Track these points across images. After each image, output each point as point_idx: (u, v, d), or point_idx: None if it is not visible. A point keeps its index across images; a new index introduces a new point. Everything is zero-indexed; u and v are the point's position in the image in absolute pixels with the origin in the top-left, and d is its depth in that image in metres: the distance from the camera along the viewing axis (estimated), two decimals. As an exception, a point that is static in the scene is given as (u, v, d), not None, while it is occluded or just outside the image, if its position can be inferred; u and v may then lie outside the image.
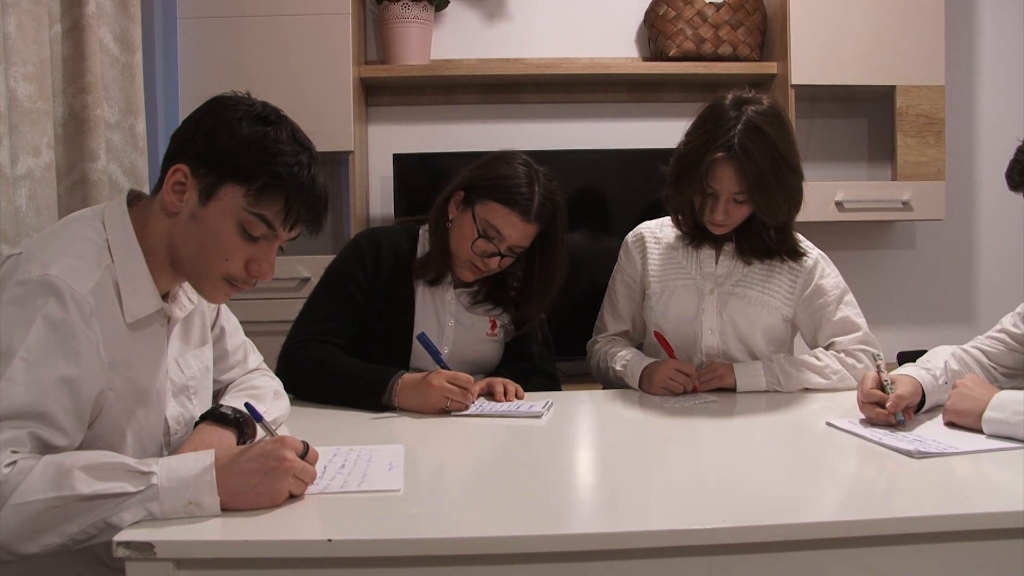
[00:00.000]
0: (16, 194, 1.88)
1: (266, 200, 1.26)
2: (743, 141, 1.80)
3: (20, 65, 1.89)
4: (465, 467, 1.49)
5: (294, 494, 1.18)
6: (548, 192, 1.93)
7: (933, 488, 1.26)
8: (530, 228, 1.92)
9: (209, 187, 1.26)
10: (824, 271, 2.04)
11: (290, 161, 1.26)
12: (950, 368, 1.72)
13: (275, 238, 1.30)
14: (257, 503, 1.15)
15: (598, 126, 3.30)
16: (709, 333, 2.02)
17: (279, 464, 1.16)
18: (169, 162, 1.29)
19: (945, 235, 3.43)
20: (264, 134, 1.26)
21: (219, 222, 1.27)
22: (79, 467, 1.11)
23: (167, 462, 1.15)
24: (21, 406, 1.13)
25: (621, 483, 1.36)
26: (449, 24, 3.26)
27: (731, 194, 1.85)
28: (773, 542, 1.11)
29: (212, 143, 1.26)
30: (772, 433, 1.69)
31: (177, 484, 1.12)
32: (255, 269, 1.31)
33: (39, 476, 1.09)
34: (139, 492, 1.11)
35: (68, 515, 1.09)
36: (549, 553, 1.09)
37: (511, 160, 1.96)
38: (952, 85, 3.21)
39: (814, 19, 2.99)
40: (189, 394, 1.45)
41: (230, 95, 1.32)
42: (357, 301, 1.96)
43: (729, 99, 1.87)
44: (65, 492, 1.08)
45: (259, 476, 1.15)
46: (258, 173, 1.25)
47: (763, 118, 1.82)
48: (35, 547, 1.10)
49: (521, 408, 1.77)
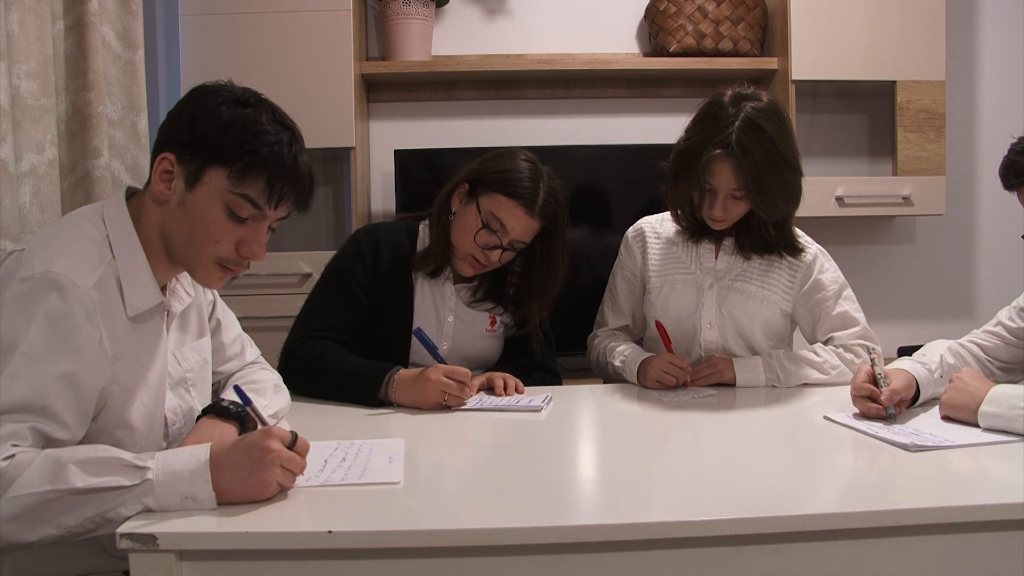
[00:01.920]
0: (20, 191, 1.89)
1: (249, 180, 1.29)
2: (741, 138, 1.80)
3: (23, 62, 1.90)
4: (465, 460, 1.50)
5: (283, 486, 1.18)
6: (552, 190, 1.94)
7: (930, 480, 1.27)
8: (533, 223, 1.93)
9: (194, 172, 1.29)
10: (823, 266, 2.04)
11: (271, 140, 1.29)
12: (946, 362, 1.73)
13: (263, 218, 1.33)
14: (249, 496, 1.15)
15: (599, 122, 3.31)
16: (708, 328, 2.02)
17: (263, 456, 1.16)
18: (155, 152, 1.32)
19: (945, 230, 3.43)
20: (244, 116, 1.29)
21: (206, 206, 1.29)
22: (74, 461, 1.12)
23: (163, 456, 1.16)
24: (22, 400, 1.15)
25: (620, 476, 1.37)
26: (450, 20, 3.27)
27: (729, 190, 1.86)
28: (771, 534, 1.12)
29: (193, 129, 1.28)
30: (770, 427, 1.70)
31: (172, 478, 1.13)
32: (246, 250, 1.34)
33: (36, 470, 1.10)
34: (134, 486, 1.12)
35: (64, 508, 1.10)
36: (548, 545, 1.09)
37: (517, 156, 1.98)
38: (953, 80, 3.22)
39: (815, 14, 3.00)
40: (187, 386, 1.47)
41: (211, 84, 1.35)
42: (357, 297, 1.97)
43: (728, 95, 1.87)
44: (60, 486, 1.10)
45: (247, 470, 1.15)
46: (239, 153, 1.27)
47: (761, 115, 1.82)
48: (33, 537, 1.11)
49: (521, 402, 1.78)
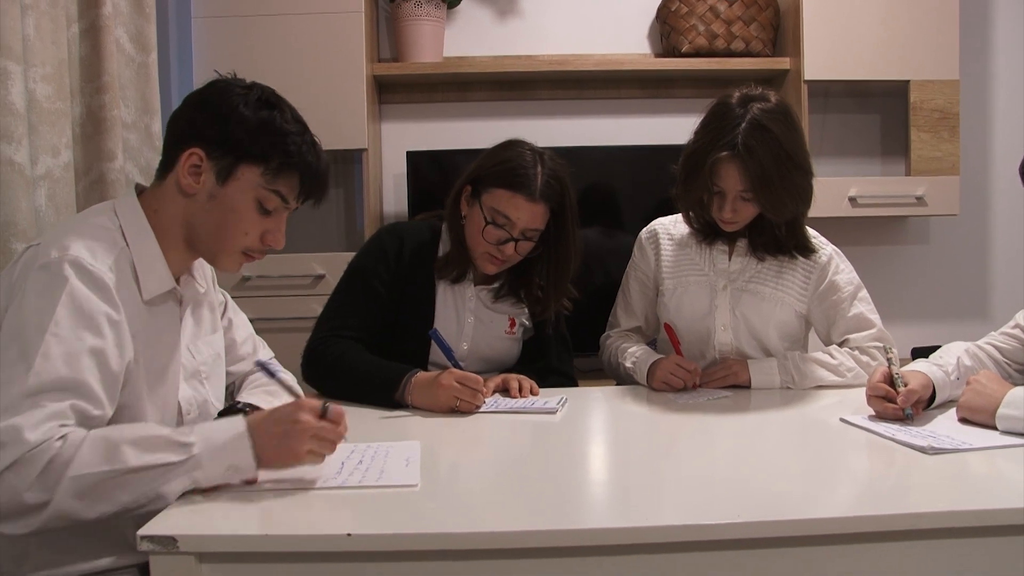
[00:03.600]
0: (36, 194, 1.90)
1: (282, 178, 1.38)
2: (747, 140, 1.79)
3: (39, 66, 1.91)
4: (481, 462, 1.51)
5: (316, 453, 1.25)
6: (552, 171, 1.92)
7: (947, 484, 1.27)
8: (538, 208, 1.91)
9: (226, 168, 1.36)
10: (838, 267, 2.03)
11: (298, 141, 1.39)
12: (963, 364, 1.71)
13: (286, 210, 1.43)
14: (282, 462, 1.23)
15: (611, 122, 3.30)
16: (722, 329, 2.02)
17: (292, 427, 1.23)
18: (177, 146, 1.38)
19: (959, 230, 3.41)
20: (272, 117, 1.37)
21: (238, 200, 1.38)
22: (126, 441, 1.17)
23: (201, 431, 1.22)
24: (59, 378, 1.19)
25: (636, 479, 1.37)
26: (462, 21, 3.27)
27: (737, 192, 1.85)
28: (786, 537, 1.11)
29: (225, 127, 1.35)
30: (785, 429, 1.69)
31: (215, 451, 1.20)
32: (269, 239, 1.43)
33: (89, 450, 1.15)
34: (182, 462, 1.18)
35: (119, 486, 1.15)
36: (567, 548, 1.09)
37: (512, 146, 1.96)
38: (967, 79, 3.20)
39: (827, 14, 2.99)
40: (201, 379, 1.51)
41: (223, 78, 1.43)
42: (379, 295, 1.97)
43: (736, 97, 1.86)
44: (117, 465, 1.15)
45: (278, 438, 1.23)
46: (273, 154, 1.36)
47: (768, 116, 1.81)
48: (92, 515, 1.16)
49: (536, 404, 1.79)
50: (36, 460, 1.12)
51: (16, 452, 1.11)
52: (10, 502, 1.12)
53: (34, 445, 1.12)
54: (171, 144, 1.40)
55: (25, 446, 1.11)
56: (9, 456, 1.11)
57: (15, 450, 1.11)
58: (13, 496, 1.11)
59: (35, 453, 1.12)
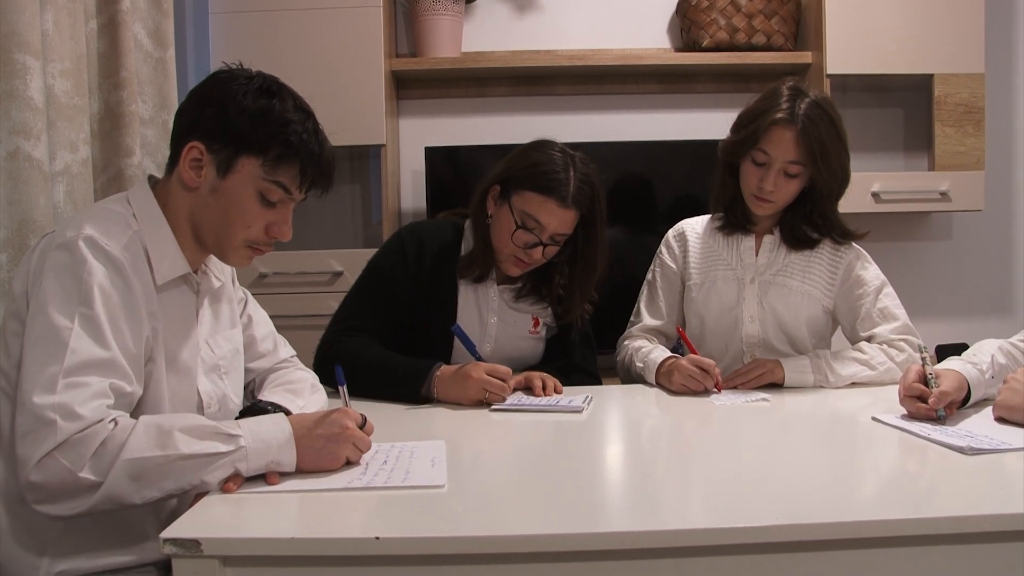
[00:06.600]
0: (54, 190, 1.89)
1: (283, 168, 1.35)
2: (808, 111, 1.86)
3: (57, 62, 1.90)
4: (509, 463, 1.48)
5: (351, 460, 1.29)
6: (584, 175, 1.89)
7: (987, 485, 1.23)
8: (569, 214, 1.88)
9: (226, 161, 1.34)
10: (864, 263, 2.04)
11: (299, 129, 1.35)
12: (997, 362, 1.68)
13: (290, 200, 1.40)
14: (321, 465, 1.26)
15: (630, 118, 3.27)
16: (750, 321, 2.02)
17: (342, 432, 1.28)
18: (180, 140, 1.36)
19: (984, 226, 3.37)
20: (271, 106, 1.34)
21: (239, 192, 1.35)
22: (178, 429, 1.19)
23: (248, 426, 1.24)
24: (95, 357, 1.20)
25: (664, 479, 1.34)
26: (480, 16, 3.25)
27: (784, 163, 1.87)
28: (819, 540, 1.08)
29: (223, 118, 1.33)
30: (816, 428, 1.67)
31: (262, 446, 1.22)
32: (275, 231, 1.40)
33: (143, 435, 1.16)
34: (230, 452, 1.20)
35: (168, 472, 1.17)
36: (597, 552, 1.07)
37: (544, 148, 1.92)
38: (992, 73, 3.15)
39: (849, 6, 2.95)
40: (220, 373, 1.50)
41: (227, 69, 1.40)
42: (395, 296, 1.95)
43: (788, 85, 1.92)
44: (170, 452, 1.16)
45: (323, 441, 1.26)
46: (272, 144, 1.33)
47: (823, 101, 1.91)
48: (139, 499, 1.17)
49: (561, 403, 1.76)
50: (89, 441, 1.12)
51: (69, 430, 1.12)
52: (63, 482, 1.12)
53: (89, 422, 1.13)
54: (175, 138, 1.38)
55: (80, 422, 1.12)
56: (61, 434, 1.12)
57: (68, 427, 1.12)
58: (66, 476, 1.12)
59: (87, 434, 1.13)
